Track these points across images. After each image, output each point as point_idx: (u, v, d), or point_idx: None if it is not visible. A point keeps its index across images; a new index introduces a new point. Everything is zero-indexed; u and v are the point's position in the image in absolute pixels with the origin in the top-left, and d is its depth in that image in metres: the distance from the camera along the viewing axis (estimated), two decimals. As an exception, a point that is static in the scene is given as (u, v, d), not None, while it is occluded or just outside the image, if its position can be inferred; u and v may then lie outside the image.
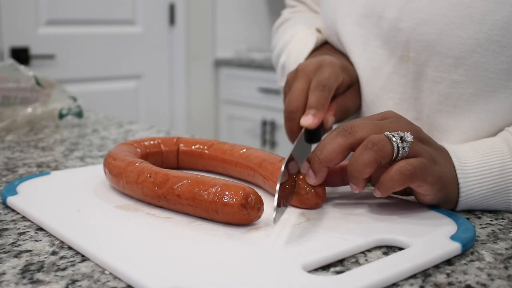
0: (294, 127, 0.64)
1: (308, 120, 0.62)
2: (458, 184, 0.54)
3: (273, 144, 2.81)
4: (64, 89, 1.08)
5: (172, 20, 2.87)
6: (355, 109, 0.72)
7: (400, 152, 0.50)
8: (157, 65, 2.86)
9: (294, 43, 0.80)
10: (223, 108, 3.08)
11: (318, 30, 0.79)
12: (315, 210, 0.55)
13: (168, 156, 0.68)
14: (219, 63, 3.04)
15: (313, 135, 0.63)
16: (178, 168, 0.69)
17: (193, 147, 0.68)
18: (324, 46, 0.78)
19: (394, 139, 0.50)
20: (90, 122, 1.08)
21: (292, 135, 0.65)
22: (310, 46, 0.76)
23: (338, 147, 0.51)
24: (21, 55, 2.38)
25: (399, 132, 0.51)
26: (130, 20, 2.73)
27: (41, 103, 1.02)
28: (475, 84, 0.62)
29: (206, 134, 3.01)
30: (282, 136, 2.76)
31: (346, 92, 0.70)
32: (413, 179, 0.50)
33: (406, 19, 0.65)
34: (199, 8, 2.96)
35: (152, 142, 0.68)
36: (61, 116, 1.03)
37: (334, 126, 0.64)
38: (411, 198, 0.59)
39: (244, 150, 0.64)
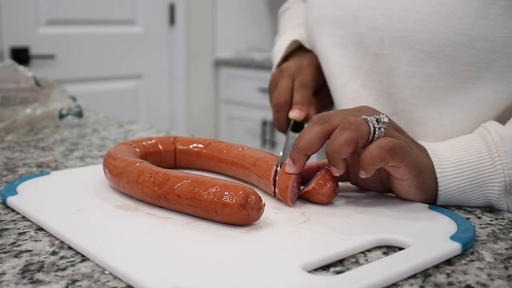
0: (282, 118, 0.75)
1: (296, 113, 0.73)
2: (436, 178, 0.56)
3: (273, 144, 2.82)
4: (64, 89, 1.08)
5: (172, 20, 2.87)
6: (330, 103, 0.82)
7: (376, 132, 0.52)
8: (157, 65, 2.86)
9: (277, 47, 0.89)
10: (223, 108, 3.08)
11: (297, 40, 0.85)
12: (315, 210, 0.55)
13: (166, 156, 0.68)
14: (219, 63, 3.04)
15: (299, 126, 0.74)
16: (175, 167, 0.69)
17: (190, 146, 0.68)
18: (300, 50, 0.85)
19: (370, 119, 0.52)
20: (90, 122, 1.08)
21: (279, 125, 0.77)
22: (281, 53, 0.85)
23: (315, 135, 0.53)
24: (21, 55, 2.38)
25: (375, 115, 0.53)
26: (130, 20, 2.73)
27: (40, 103, 1.02)
28: (448, 77, 0.65)
29: (206, 134, 3.01)
30: (282, 136, 2.76)
31: (322, 89, 0.80)
32: (392, 155, 0.51)
33: (381, 17, 0.68)
34: (199, 8, 2.96)
35: (150, 142, 0.68)
36: (61, 116, 1.03)
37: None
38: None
39: (240, 149, 0.64)
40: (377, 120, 0.52)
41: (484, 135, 0.59)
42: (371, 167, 0.51)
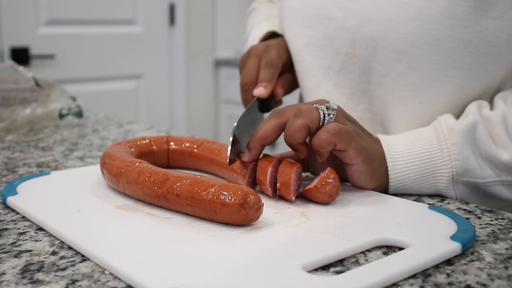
0: (249, 97, 0.76)
1: (259, 91, 0.73)
2: (387, 167, 0.60)
3: (273, 144, 2.81)
4: (63, 89, 1.08)
5: (172, 20, 2.87)
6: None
7: (326, 118, 0.57)
8: (157, 65, 2.86)
9: (250, 39, 0.90)
10: (223, 108, 3.08)
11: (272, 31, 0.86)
12: (315, 210, 0.55)
13: (160, 155, 0.69)
14: (219, 63, 3.04)
15: (265, 105, 0.75)
16: (168, 166, 0.69)
17: (182, 145, 0.69)
18: (274, 37, 0.86)
19: (320, 107, 0.57)
20: (90, 122, 1.08)
21: (247, 103, 0.76)
22: (256, 40, 0.87)
23: (270, 127, 0.58)
24: (21, 55, 2.37)
25: (325, 104, 0.58)
26: (130, 20, 2.73)
27: (40, 104, 1.02)
28: (416, 75, 0.67)
29: (206, 134, 3.01)
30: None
31: (292, 69, 0.81)
32: (338, 138, 0.55)
33: (352, 18, 0.71)
34: (199, 8, 2.96)
35: (144, 142, 0.68)
36: (61, 116, 1.03)
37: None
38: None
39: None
40: (327, 108, 0.57)
41: (436, 128, 0.63)
42: (321, 150, 0.56)
